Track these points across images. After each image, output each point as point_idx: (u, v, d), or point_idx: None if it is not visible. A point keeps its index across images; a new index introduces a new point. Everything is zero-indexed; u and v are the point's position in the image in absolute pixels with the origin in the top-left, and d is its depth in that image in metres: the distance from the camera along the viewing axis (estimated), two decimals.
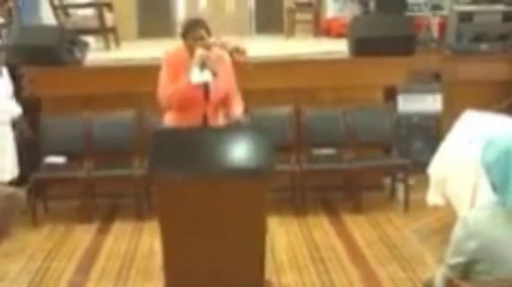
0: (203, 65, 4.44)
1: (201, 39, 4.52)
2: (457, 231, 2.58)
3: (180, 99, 4.51)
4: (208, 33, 4.58)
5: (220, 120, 4.74)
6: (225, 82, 4.64)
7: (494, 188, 2.56)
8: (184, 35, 4.59)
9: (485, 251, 2.48)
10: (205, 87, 4.56)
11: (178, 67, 4.54)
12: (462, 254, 2.54)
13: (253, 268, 4.18)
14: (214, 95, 4.60)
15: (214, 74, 4.50)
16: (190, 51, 4.53)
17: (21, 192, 3.47)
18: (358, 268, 4.90)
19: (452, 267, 2.59)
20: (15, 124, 6.09)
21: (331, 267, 4.91)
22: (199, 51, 4.46)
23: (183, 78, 4.48)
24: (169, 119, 4.75)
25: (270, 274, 4.65)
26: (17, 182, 6.08)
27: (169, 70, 4.57)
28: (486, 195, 2.81)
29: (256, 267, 4.17)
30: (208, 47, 4.54)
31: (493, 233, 2.48)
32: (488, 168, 2.56)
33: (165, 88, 4.54)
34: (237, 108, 4.69)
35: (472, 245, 2.50)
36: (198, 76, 4.44)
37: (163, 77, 4.59)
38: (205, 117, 4.63)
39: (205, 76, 4.46)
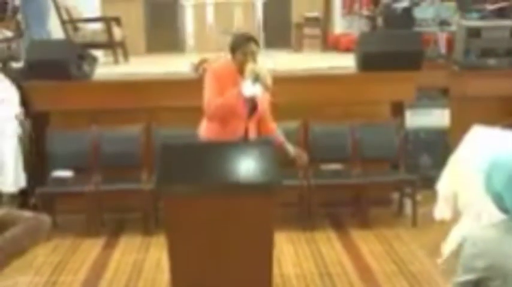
0: (256, 79, 4.45)
1: (252, 54, 4.59)
2: (466, 250, 2.56)
3: (227, 110, 4.54)
4: (259, 49, 4.69)
5: (254, 135, 4.83)
6: (265, 101, 4.75)
7: (507, 211, 2.53)
8: (235, 49, 4.64)
9: (497, 268, 2.47)
10: (253, 102, 4.63)
11: (226, 81, 4.57)
12: (472, 272, 2.52)
13: (260, 283, 4.17)
14: (259, 110, 4.72)
15: (267, 87, 4.53)
16: (240, 66, 4.57)
17: (44, 216, 3.48)
18: (365, 283, 4.88)
19: (461, 285, 2.58)
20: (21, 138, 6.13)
21: (338, 283, 4.90)
22: (251, 65, 4.50)
23: (232, 90, 4.51)
24: (209, 131, 4.76)
25: None
26: (25, 195, 6.12)
27: (216, 84, 4.59)
28: (495, 212, 2.78)
29: (263, 282, 4.16)
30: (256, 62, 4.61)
31: (504, 249, 2.47)
32: (499, 195, 2.52)
33: (213, 99, 4.55)
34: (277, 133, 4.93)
35: (481, 263, 2.49)
36: (250, 89, 4.45)
37: (210, 89, 4.60)
38: (246, 132, 4.71)
39: (257, 89, 4.48)
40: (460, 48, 7.56)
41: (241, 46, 4.61)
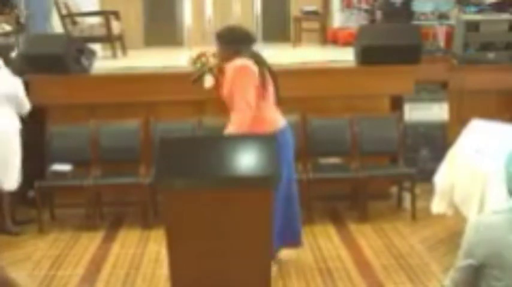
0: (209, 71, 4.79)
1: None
2: (469, 235, 2.58)
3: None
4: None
5: None
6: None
7: None
8: (242, 46, 4.74)
9: (497, 256, 2.48)
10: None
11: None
12: (473, 258, 2.54)
13: (259, 277, 4.17)
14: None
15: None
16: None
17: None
18: (364, 278, 4.88)
19: (463, 269, 2.58)
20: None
21: (337, 277, 4.90)
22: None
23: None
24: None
25: (276, 283, 4.64)
26: (23, 190, 6.12)
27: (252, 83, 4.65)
28: (497, 203, 2.80)
29: (262, 277, 4.17)
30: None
31: (506, 238, 2.48)
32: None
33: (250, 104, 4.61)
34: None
35: (484, 250, 2.50)
36: (210, 81, 4.78)
37: (248, 89, 4.62)
38: None
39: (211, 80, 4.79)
40: (459, 42, 7.56)
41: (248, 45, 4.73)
